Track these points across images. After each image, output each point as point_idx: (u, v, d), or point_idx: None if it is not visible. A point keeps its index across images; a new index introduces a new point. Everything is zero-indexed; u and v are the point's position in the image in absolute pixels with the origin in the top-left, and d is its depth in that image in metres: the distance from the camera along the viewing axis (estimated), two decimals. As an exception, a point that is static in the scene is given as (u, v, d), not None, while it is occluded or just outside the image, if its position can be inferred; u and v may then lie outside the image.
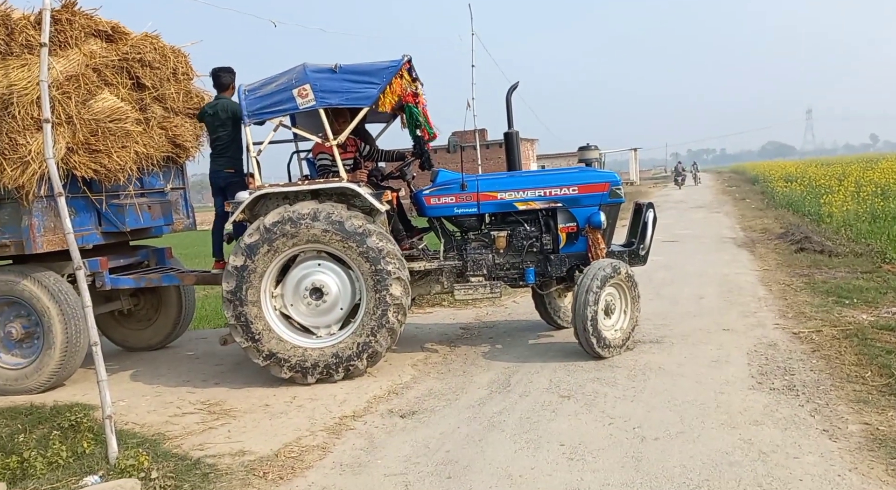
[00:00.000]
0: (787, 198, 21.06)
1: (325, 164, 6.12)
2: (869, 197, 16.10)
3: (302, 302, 5.66)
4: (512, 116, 6.64)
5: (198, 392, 5.73)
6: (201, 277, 6.73)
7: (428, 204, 6.26)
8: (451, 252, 6.30)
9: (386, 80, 5.69)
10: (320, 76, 5.66)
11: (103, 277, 6.13)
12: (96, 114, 5.76)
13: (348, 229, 5.49)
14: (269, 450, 4.31)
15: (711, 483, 3.41)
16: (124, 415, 5.14)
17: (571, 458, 3.82)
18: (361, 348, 5.56)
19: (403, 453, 4.10)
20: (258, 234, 5.51)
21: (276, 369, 5.57)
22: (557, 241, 6.26)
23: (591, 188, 6.22)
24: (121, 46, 6.37)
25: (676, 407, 4.50)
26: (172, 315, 7.37)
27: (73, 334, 5.81)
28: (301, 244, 5.56)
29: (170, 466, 4.06)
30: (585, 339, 5.64)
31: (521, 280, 6.27)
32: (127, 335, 7.52)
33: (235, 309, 5.53)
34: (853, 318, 6.40)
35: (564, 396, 4.87)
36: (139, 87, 6.41)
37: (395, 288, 5.55)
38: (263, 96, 5.71)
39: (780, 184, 26.69)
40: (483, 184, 6.25)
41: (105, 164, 5.77)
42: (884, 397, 4.39)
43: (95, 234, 6.20)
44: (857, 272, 8.65)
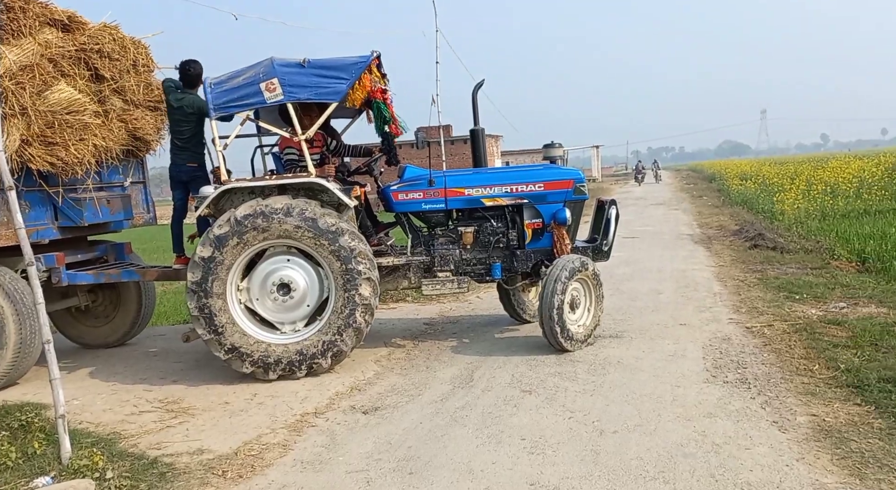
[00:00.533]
0: (742, 196, 21.66)
1: (291, 159, 6.07)
2: (819, 195, 16.67)
3: (268, 297, 5.60)
4: (478, 113, 6.69)
5: (155, 390, 5.63)
6: (162, 273, 6.59)
7: (396, 200, 6.26)
8: (419, 248, 6.32)
9: (355, 75, 5.66)
10: (288, 70, 5.61)
11: (60, 273, 5.97)
12: (52, 105, 5.60)
13: (321, 227, 5.45)
14: (229, 448, 4.26)
15: (667, 475, 3.50)
16: (78, 414, 5.02)
17: (532, 452, 3.88)
18: (326, 347, 5.53)
19: (365, 450, 4.10)
20: (228, 225, 5.43)
21: (238, 363, 5.49)
22: (523, 237, 6.34)
23: (557, 185, 6.33)
24: (78, 37, 6.19)
25: (634, 400, 4.60)
26: (132, 312, 7.21)
27: (27, 333, 5.63)
28: (272, 239, 5.50)
29: (125, 466, 3.99)
30: (550, 327, 5.71)
31: (487, 275, 6.33)
32: (84, 332, 7.34)
33: (199, 300, 5.43)
34: (803, 312, 6.62)
35: (526, 391, 4.93)
36: (98, 78, 6.24)
37: (365, 288, 5.54)
38: (230, 90, 5.62)
39: (736, 182, 27.41)
40: (451, 180, 6.30)
41: (62, 157, 5.61)
42: (830, 389, 4.56)
43: (51, 228, 6.03)
44: (807, 268, 8.95)
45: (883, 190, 16.60)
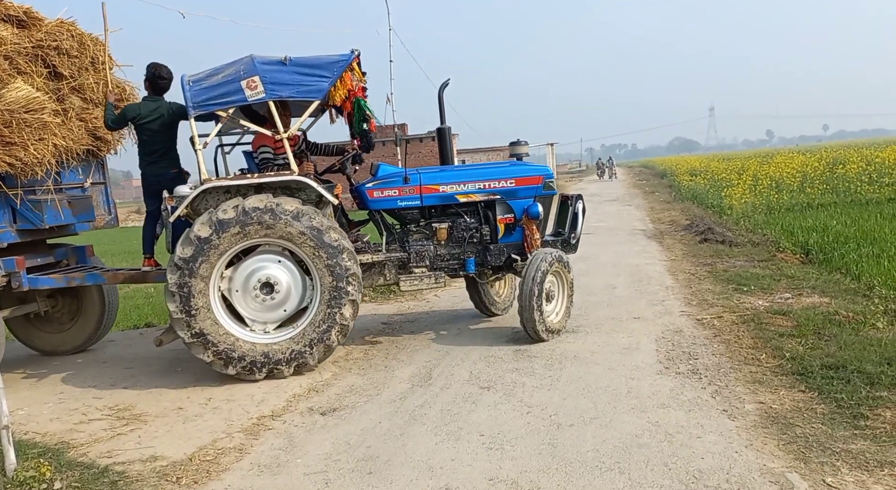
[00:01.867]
0: (692, 191, 22.23)
1: (266, 158, 6.00)
2: (765, 190, 17.22)
3: (249, 292, 5.52)
4: (444, 112, 6.77)
5: (105, 397, 5.47)
6: (129, 276, 6.39)
7: (371, 197, 6.27)
8: (393, 244, 6.36)
9: (337, 73, 5.65)
10: (270, 68, 5.54)
11: (20, 277, 5.75)
12: (10, 104, 5.39)
13: (325, 240, 5.45)
14: (183, 454, 4.18)
15: (622, 465, 3.57)
16: (23, 424, 4.85)
17: (491, 448, 3.91)
18: (293, 356, 5.47)
19: (324, 451, 4.07)
20: (234, 212, 5.34)
21: (200, 350, 5.36)
22: (496, 232, 6.46)
23: (527, 181, 6.51)
24: (34, 33, 5.97)
25: (590, 394, 4.68)
26: (94, 317, 6.97)
27: None
28: (272, 237, 5.44)
29: (75, 476, 3.87)
30: (530, 319, 5.87)
31: (461, 270, 6.42)
32: (43, 339, 7.07)
33: (182, 277, 5.30)
34: (750, 304, 6.83)
35: (484, 388, 4.97)
36: (56, 76, 6.02)
37: (347, 309, 5.55)
38: (209, 88, 5.51)
39: (686, 178, 28.12)
40: (425, 177, 6.35)
41: (21, 158, 5.40)
42: (777, 377, 4.73)
43: (10, 231, 5.81)
44: (754, 261, 9.23)
45: (824, 184, 17.26)
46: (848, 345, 5.11)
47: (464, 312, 7.66)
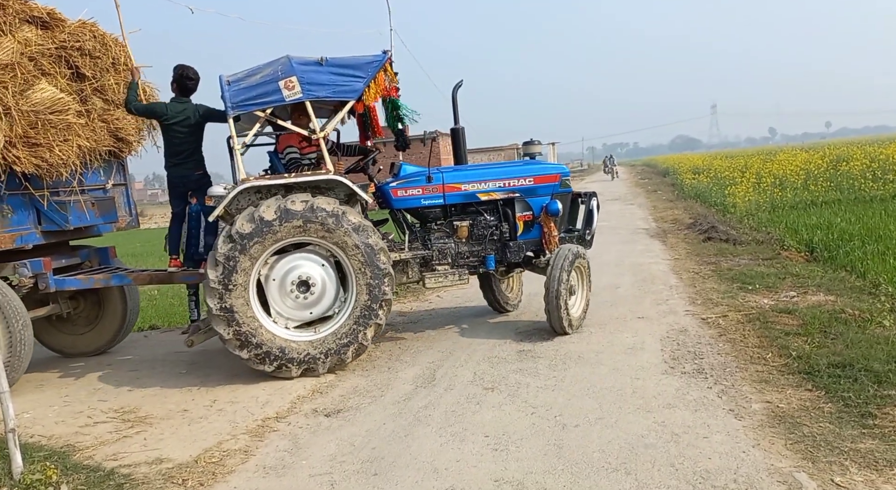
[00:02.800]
0: (695, 189, 22.17)
1: (293, 158, 6.05)
2: (769, 187, 17.16)
3: (286, 285, 5.56)
4: (458, 112, 6.83)
5: (111, 400, 5.48)
6: (155, 276, 6.40)
7: (395, 196, 6.33)
8: (415, 243, 6.44)
9: (371, 73, 5.75)
10: (307, 68, 5.61)
11: (47, 279, 5.78)
12: (35, 105, 5.41)
13: (374, 261, 5.59)
14: (189, 456, 4.18)
15: (628, 465, 3.56)
16: (29, 427, 4.86)
17: (496, 449, 3.90)
18: (306, 359, 5.50)
19: (329, 452, 4.06)
20: (302, 207, 5.42)
21: (222, 325, 5.38)
22: (515, 229, 6.58)
23: (545, 179, 6.65)
24: (58, 34, 5.98)
25: (595, 394, 4.66)
26: (117, 318, 6.98)
27: (16, 342, 5.41)
28: (327, 241, 5.52)
29: (81, 479, 3.88)
30: (556, 313, 6.03)
31: (481, 267, 6.51)
32: (65, 341, 7.07)
33: (233, 250, 5.34)
34: (755, 302, 6.81)
35: (488, 388, 4.96)
36: (78, 77, 6.02)
37: (371, 331, 5.66)
38: (247, 88, 5.55)
39: (689, 176, 28.05)
40: (448, 176, 6.45)
41: (46, 159, 5.42)
42: (783, 376, 4.71)
43: (35, 233, 5.83)
44: (759, 259, 9.21)
45: (828, 181, 17.19)
46: (855, 343, 5.08)
47: (467, 313, 7.65)
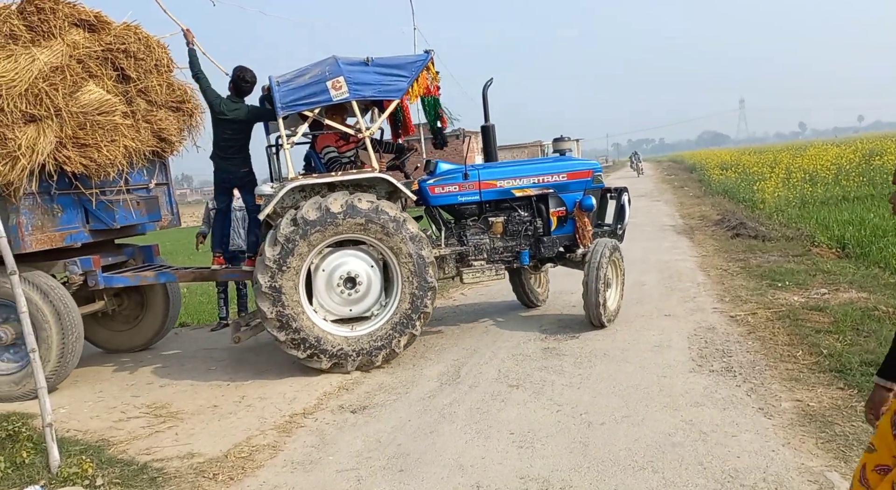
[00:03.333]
0: (723, 185, 21.86)
1: (332, 157, 6.16)
2: (798, 183, 16.87)
3: (334, 279, 5.66)
4: (488, 110, 6.88)
5: (143, 395, 5.59)
6: (199, 274, 6.52)
7: (432, 193, 6.42)
8: (451, 239, 6.52)
9: (415, 73, 5.86)
10: (353, 69, 5.72)
11: (96, 276, 5.92)
12: (84, 106, 5.54)
13: (423, 272, 5.68)
14: (219, 451, 4.25)
15: (655, 464, 3.54)
16: (65, 422, 4.98)
17: (521, 446, 3.91)
18: (339, 353, 5.57)
19: (355, 448, 4.11)
20: (368, 207, 5.55)
21: (267, 303, 5.45)
22: (549, 225, 6.66)
23: (578, 175, 6.74)
24: (104, 37, 6.10)
25: (621, 392, 4.64)
26: (159, 314, 7.12)
27: (69, 336, 5.57)
28: (383, 244, 5.64)
29: (115, 472, 3.97)
30: (596, 310, 6.18)
31: (515, 262, 6.60)
32: (110, 337, 7.22)
33: (294, 234, 5.45)
34: (785, 300, 6.71)
35: (513, 386, 4.96)
36: (124, 78, 6.15)
37: (405, 339, 5.78)
38: (297, 88, 5.66)
39: (716, 172, 27.66)
40: (484, 173, 6.53)
41: (95, 159, 5.55)
42: (813, 375, 4.64)
43: (83, 232, 5.97)
44: (789, 256, 9.06)
45: (860, 176, 16.84)
46: (888, 341, 4.97)
47: (491, 310, 7.66)
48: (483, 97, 6.84)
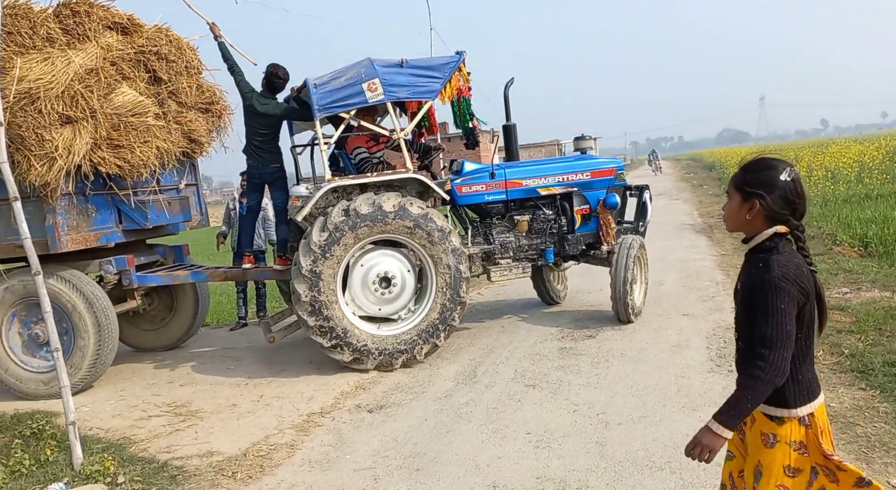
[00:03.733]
0: (743, 183, 21.55)
1: (364, 157, 6.24)
2: (820, 181, 16.63)
3: (370, 275, 5.72)
4: (509, 109, 6.92)
5: (163, 394, 5.67)
6: (230, 273, 6.60)
7: (460, 193, 6.48)
8: (477, 238, 6.59)
9: (448, 74, 5.94)
10: (388, 71, 5.78)
11: (130, 275, 6.03)
12: (117, 108, 5.64)
13: (457, 285, 5.77)
14: (238, 449, 4.30)
15: (673, 465, 3.52)
16: (88, 420, 5.06)
17: (537, 446, 3.90)
18: (361, 349, 5.60)
19: (372, 447, 4.13)
20: (418, 212, 5.66)
21: (304, 285, 5.49)
22: (573, 223, 6.73)
23: (602, 173, 6.83)
24: (136, 39, 6.19)
25: (639, 392, 4.62)
26: (189, 314, 7.21)
27: (105, 334, 5.68)
28: (425, 251, 5.70)
29: (136, 470, 4.03)
30: (622, 302, 6.29)
31: (540, 260, 6.67)
32: (140, 336, 7.32)
33: (343, 224, 5.50)
34: (806, 299, 6.61)
35: (529, 386, 4.95)
36: (155, 80, 6.24)
37: (427, 348, 5.80)
38: (333, 91, 5.73)
39: (736, 170, 27.32)
40: (510, 172, 6.59)
41: (128, 160, 5.65)
42: (834, 375, 4.58)
43: (116, 232, 6.07)
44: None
45: (884, 174, 16.57)
46: (911, 341, 4.91)
47: (507, 309, 7.65)
48: (504, 97, 6.87)
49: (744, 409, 1.95)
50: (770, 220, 2.03)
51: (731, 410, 1.95)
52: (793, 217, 2.03)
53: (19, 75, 5.07)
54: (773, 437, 2.01)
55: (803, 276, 1.97)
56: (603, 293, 7.87)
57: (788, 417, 1.99)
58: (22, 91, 5.06)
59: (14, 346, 5.75)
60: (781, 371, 1.91)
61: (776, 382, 1.91)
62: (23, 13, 5.36)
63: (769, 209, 2.01)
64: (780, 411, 2.00)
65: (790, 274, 1.95)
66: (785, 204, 2.01)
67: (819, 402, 2.02)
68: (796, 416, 1.98)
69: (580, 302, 7.66)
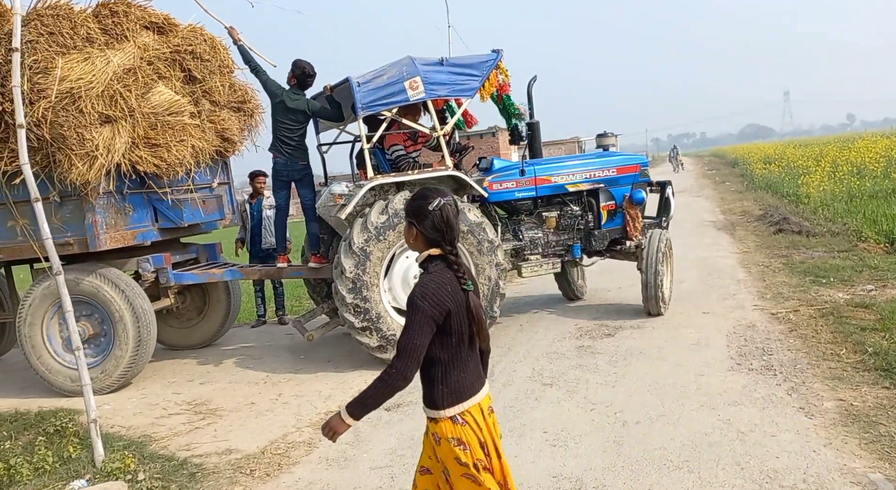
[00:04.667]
0: (766, 180, 21.30)
1: (400, 155, 6.29)
2: (846, 176, 16.34)
3: (412, 269, 5.74)
4: (533, 107, 6.93)
5: (183, 392, 5.73)
6: (264, 272, 6.66)
7: (491, 190, 6.50)
8: (507, 234, 6.63)
9: (486, 72, 6.02)
10: (429, 69, 5.84)
11: (167, 273, 6.11)
12: (154, 107, 5.71)
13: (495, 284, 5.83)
14: (256, 447, 4.34)
15: (691, 463, 3.48)
16: (110, 418, 5.13)
17: (554, 445, 3.88)
18: (388, 336, 5.58)
19: (389, 446, 4.14)
20: (475, 218, 5.75)
21: (350, 261, 5.51)
22: (599, 219, 6.78)
23: (627, 169, 6.92)
24: (171, 39, 6.26)
25: (657, 391, 4.57)
26: (221, 312, 7.27)
27: (144, 332, 5.76)
28: (470, 259, 5.78)
29: (157, 468, 4.08)
30: (653, 296, 6.39)
31: (567, 255, 6.74)
32: (172, 334, 7.39)
33: (389, 221, 5.54)
34: (830, 296, 6.52)
35: (547, 384, 4.93)
36: (190, 79, 6.31)
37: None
38: (376, 89, 5.76)
39: (759, 166, 26.98)
40: (539, 169, 6.63)
41: (165, 159, 5.72)
42: (858, 373, 4.50)
43: (153, 230, 6.15)
44: (834, 251, 8.79)
45: (912, 169, 16.23)
46: (938, 339, 4.80)
47: (525, 306, 7.62)
48: (528, 94, 6.91)
49: (368, 404, 2.22)
50: (427, 243, 2.29)
51: (358, 403, 2.21)
52: (444, 242, 2.26)
53: (60, 75, 5.13)
54: (436, 436, 2.27)
55: (445, 295, 2.19)
56: (622, 291, 7.83)
57: (441, 417, 2.25)
58: (64, 91, 5.12)
59: (52, 338, 5.83)
60: (404, 378, 2.14)
61: (398, 387, 2.15)
62: (64, 14, 5.42)
63: (423, 234, 2.27)
64: (433, 412, 2.27)
65: (428, 293, 2.18)
66: (434, 230, 2.26)
67: (471, 403, 2.27)
68: (446, 416, 2.24)
69: (598, 300, 7.61)
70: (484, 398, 2.33)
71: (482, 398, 2.32)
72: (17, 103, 4.19)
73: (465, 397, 2.27)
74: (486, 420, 2.30)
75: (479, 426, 2.26)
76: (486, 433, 2.28)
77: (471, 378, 2.31)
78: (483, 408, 2.31)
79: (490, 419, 2.33)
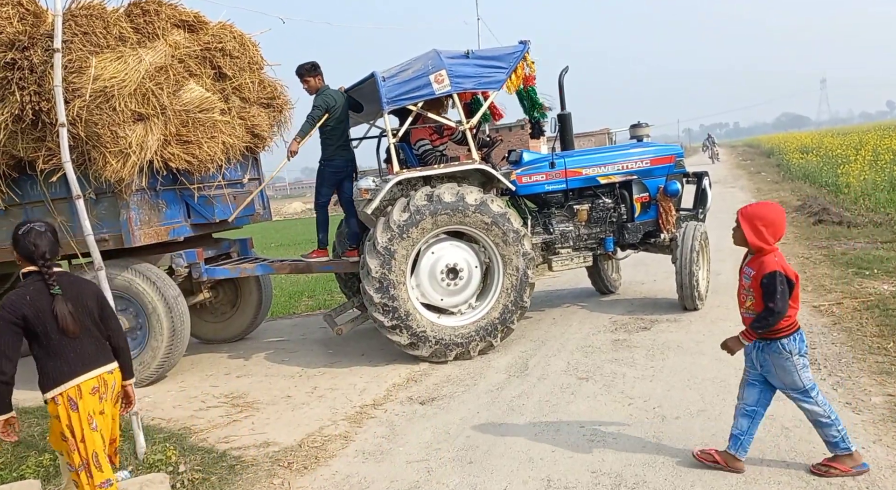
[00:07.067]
0: (804, 169, 20.77)
1: (427, 150, 6.28)
2: (887, 165, 15.84)
3: (440, 264, 5.74)
4: (564, 98, 6.85)
5: (221, 386, 5.81)
6: (296, 266, 6.70)
7: (520, 183, 6.45)
8: (537, 227, 6.56)
9: (513, 65, 5.93)
10: (455, 62, 5.80)
11: (199, 268, 6.21)
12: (186, 104, 5.80)
13: (522, 287, 5.76)
14: (293, 440, 4.37)
15: (734, 460, 3.40)
16: (150, 410, 5.23)
17: (592, 440, 3.84)
18: (418, 335, 5.60)
19: (424, 440, 4.14)
20: (498, 210, 5.68)
21: (375, 260, 5.52)
22: (632, 211, 6.65)
23: (661, 160, 6.74)
24: (202, 36, 6.34)
25: (696, 385, 4.49)
26: (253, 306, 7.35)
27: (178, 326, 5.86)
28: (497, 250, 5.76)
29: (197, 460, 4.14)
30: (690, 293, 6.26)
31: (600, 249, 6.64)
32: (205, 328, 7.49)
33: (424, 209, 5.54)
34: (874, 289, 6.33)
35: (583, 378, 4.88)
36: (220, 76, 6.39)
37: (481, 346, 5.78)
38: (401, 83, 5.77)
39: (796, 156, 26.31)
40: (570, 162, 6.55)
41: (196, 155, 5.81)
42: (904, 368, 4.35)
43: (185, 226, 6.25)
44: (877, 242, 8.54)
45: (958, 156, 15.66)
46: None
47: (558, 300, 7.56)
48: (559, 85, 6.80)
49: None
50: (24, 261, 2.94)
51: None
52: (34, 259, 2.90)
53: (94, 74, 5.22)
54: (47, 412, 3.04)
55: (24, 304, 2.81)
56: (657, 284, 7.71)
57: (47, 399, 2.92)
58: (97, 89, 5.20)
59: None
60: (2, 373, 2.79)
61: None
62: (97, 13, 5.49)
63: (19, 254, 2.93)
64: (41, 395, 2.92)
65: (6, 304, 2.81)
66: (23, 250, 2.91)
67: (66, 387, 2.89)
68: (48, 398, 2.91)
69: (633, 293, 7.50)
70: (86, 380, 2.92)
71: (82, 381, 2.91)
72: (59, 103, 4.25)
73: (60, 382, 2.89)
74: (85, 399, 2.91)
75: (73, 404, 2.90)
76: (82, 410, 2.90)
77: (67, 367, 2.90)
78: (83, 388, 2.91)
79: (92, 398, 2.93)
